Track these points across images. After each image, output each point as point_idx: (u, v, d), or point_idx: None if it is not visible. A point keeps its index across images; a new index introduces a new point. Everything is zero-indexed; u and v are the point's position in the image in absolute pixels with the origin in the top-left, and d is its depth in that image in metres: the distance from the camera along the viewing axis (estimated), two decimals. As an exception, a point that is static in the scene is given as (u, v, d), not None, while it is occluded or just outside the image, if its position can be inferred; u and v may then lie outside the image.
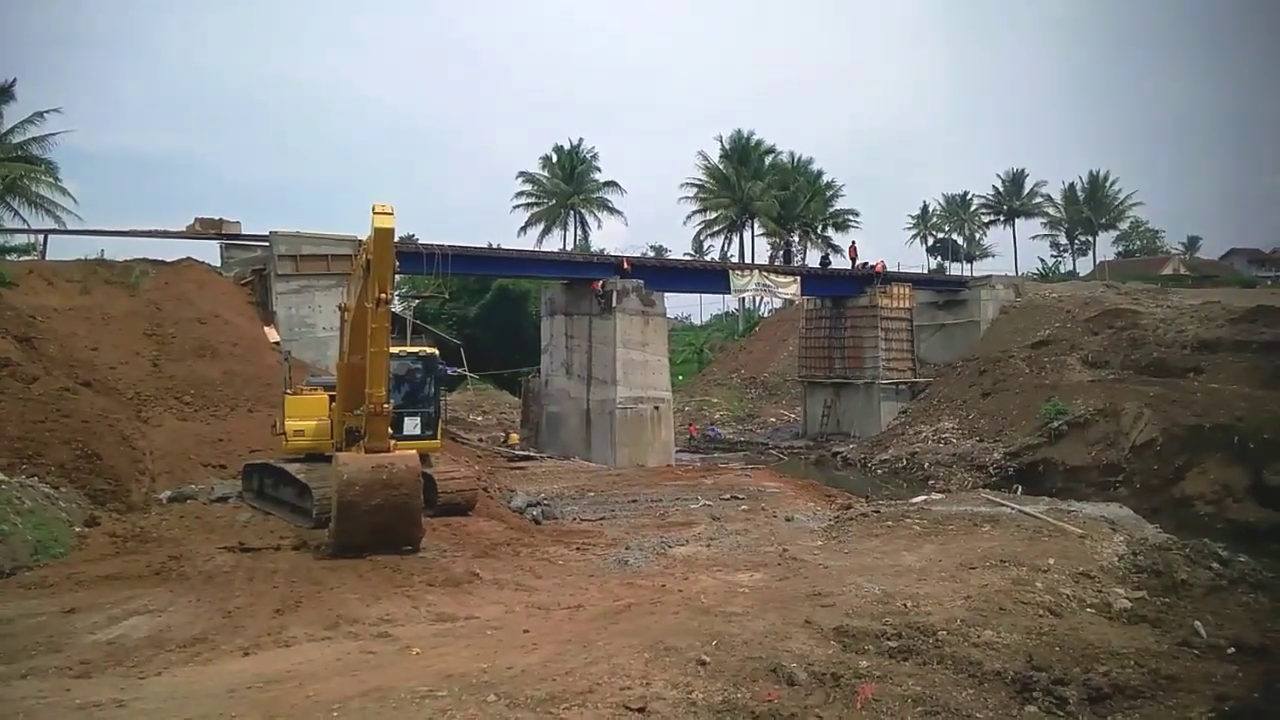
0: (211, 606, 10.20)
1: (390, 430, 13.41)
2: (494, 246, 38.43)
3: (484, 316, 51.96)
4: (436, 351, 17.49)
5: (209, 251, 28.50)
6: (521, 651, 8.20)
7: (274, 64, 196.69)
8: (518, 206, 71.33)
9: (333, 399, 15.22)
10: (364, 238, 13.49)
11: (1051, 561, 12.10)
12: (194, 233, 28.24)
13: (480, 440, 31.97)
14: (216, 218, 28.47)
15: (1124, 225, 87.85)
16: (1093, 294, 43.42)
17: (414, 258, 28.23)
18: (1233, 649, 9.05)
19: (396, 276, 20.18)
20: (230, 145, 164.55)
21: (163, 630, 9.28)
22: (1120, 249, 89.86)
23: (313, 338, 25.91)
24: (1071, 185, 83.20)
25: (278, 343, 24.79)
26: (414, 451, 13.39)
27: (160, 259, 26.90)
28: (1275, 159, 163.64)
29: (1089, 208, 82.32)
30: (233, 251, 28.31)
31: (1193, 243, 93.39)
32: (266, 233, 27.68)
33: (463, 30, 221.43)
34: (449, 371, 23.48)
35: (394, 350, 14.65)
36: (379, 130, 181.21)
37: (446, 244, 29.44)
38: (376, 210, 12.24)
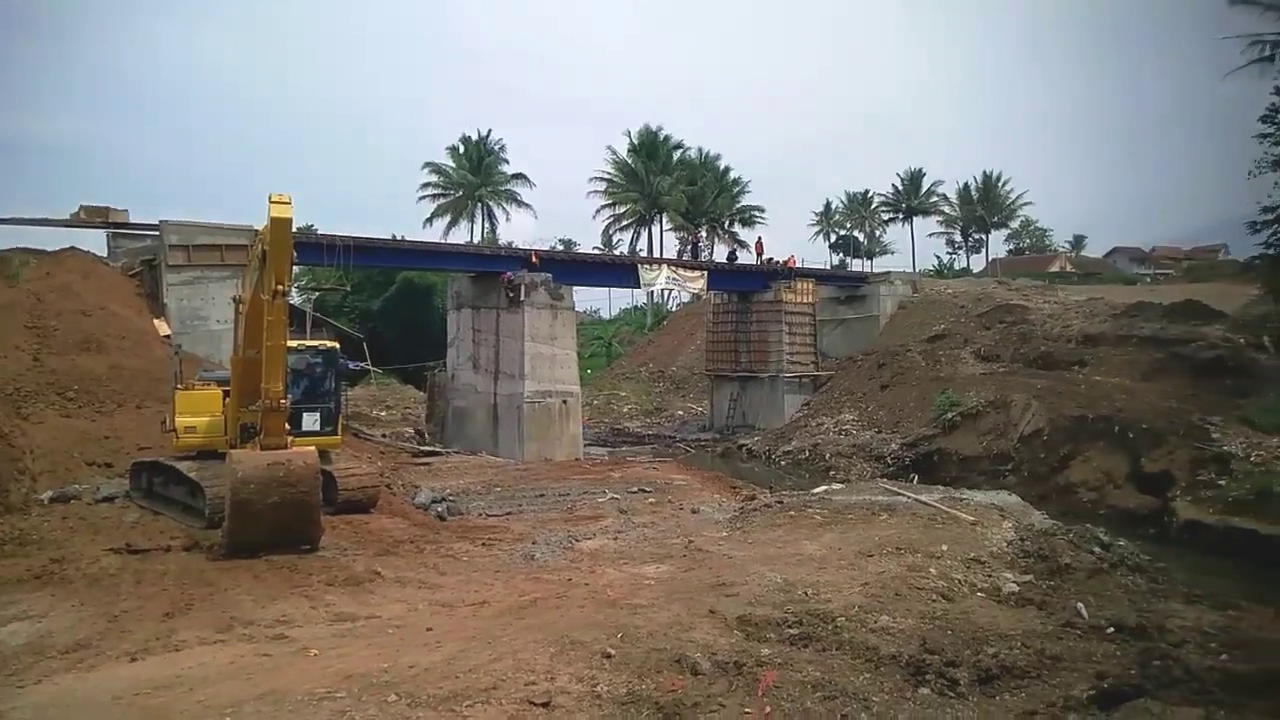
0: (96, 611, 9.75)
1: (288, 426, 13.04)
2: (398, 238, 37.58)
3: (388, 309, 50.88)
4: (337, 345, 17.07)
5: (96, 241, 27.23)
6: (424, 650, 8.11)
7: (175, 48, 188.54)
8: (423, 197, 70.19)
9: (226, 394, 14.73)
10: (260, 228, 13.08)
11: (945, 548, 12.55)
12: (78, 221, 26.82)
13: (384, 436, 31.36)
14: (103, 206, 27.15)
15: (1015, 224, 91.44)
16: (985, 290, 45.12)
17: (314, 249, 27.45)
18: (1112, 629, 9.55)
19: (295, 268, 19.60)
20: (127, 132, 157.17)
21: (43, 636, 8.85)
22: (1011, 247, 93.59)
23: (206, 331, 25.01)
24: (966, 185, 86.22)
25: (168, 336, 23.76)
26: (312, 448, 13.04)
27: (43, 249, 25.55)
28: (1154, 162, 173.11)
29: (982, 207, 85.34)
30: (120, 241, 27.04)
31: (1078, 241, 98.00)
32: (156, 222, 26.55)
33: (369, 17, 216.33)
34: (351, 366, 22.90)
35: (292, 344, 14.26)
36: (282, 119, 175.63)
37: (348, 235, 28.76)
38: (273, 199, 11.90)
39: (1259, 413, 22.91)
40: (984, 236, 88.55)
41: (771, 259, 44.16)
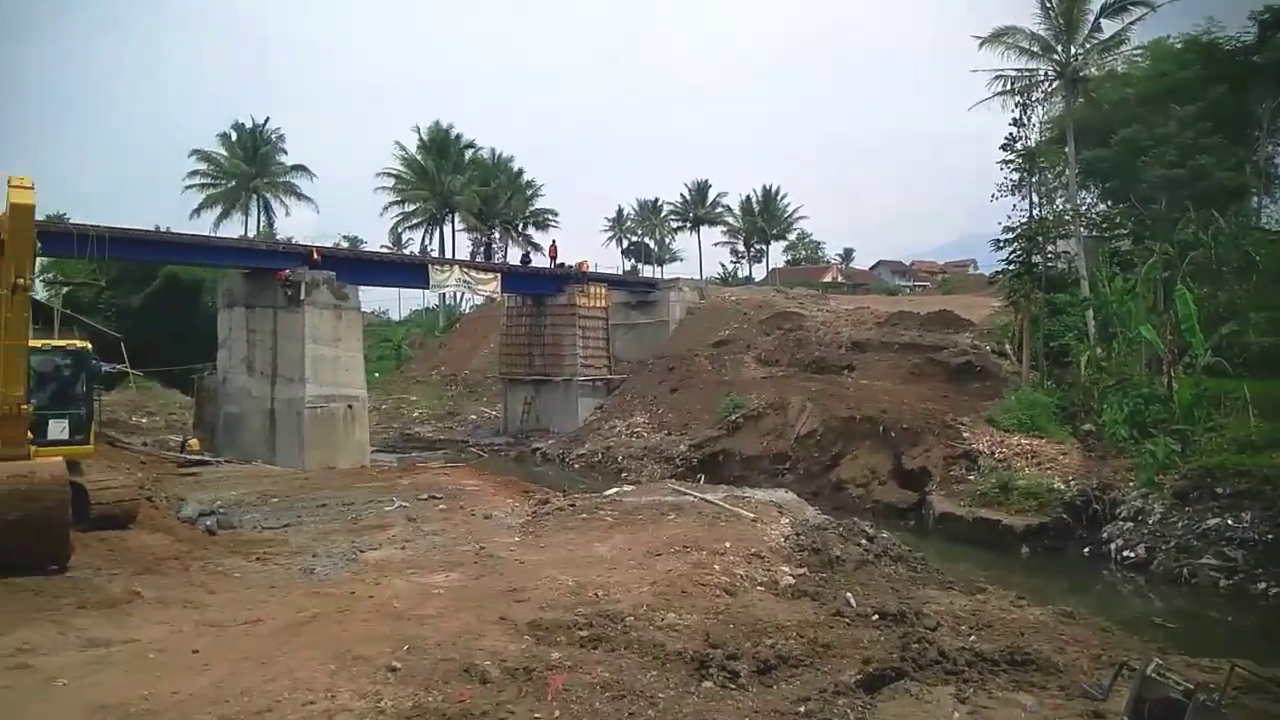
0: None
1: (31, 435, 11.80)
2: (162, 230, 34.81)
3: (150, 307, 46.87)
4: (89, 345, 15.59)
5: None
6: (190, 674, 7.52)
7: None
8: (190, 187, 65.19)
9: (-45, 400, 13.07)
10: (-2, 215, 11.74)
11: (728, 544, 13.09)
12: None
13: (145, 444, 28.91)
14: None
15: (792, 236, 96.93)
16: (766, 298, 47.49)
17: (63, 239, 24.91)
18: (877, 616, 10.31)
19: (40, 259, 17.72)
20: None
21: None
22: (789, 257, 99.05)
23: (-71, 328, 22.05)
24: (748, 198, 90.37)
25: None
26: (60, 458, 11.84)
27: None
28: (915, 184, 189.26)
29: (763, 219, 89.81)
30: None
31: (848, 254, 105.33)
32: None
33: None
34: (105, 368, 20.93)
35: (36, 344, 12.93)
36: (29, 98, 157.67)
37: (103, 224, 26.34)
38: (13, 184, 10.81)
39: (1001, 414, 25.42)
40: (764, 247, 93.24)
41: (563, 263, 44.53)
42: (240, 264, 32.54)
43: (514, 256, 63.75)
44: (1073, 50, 29.82)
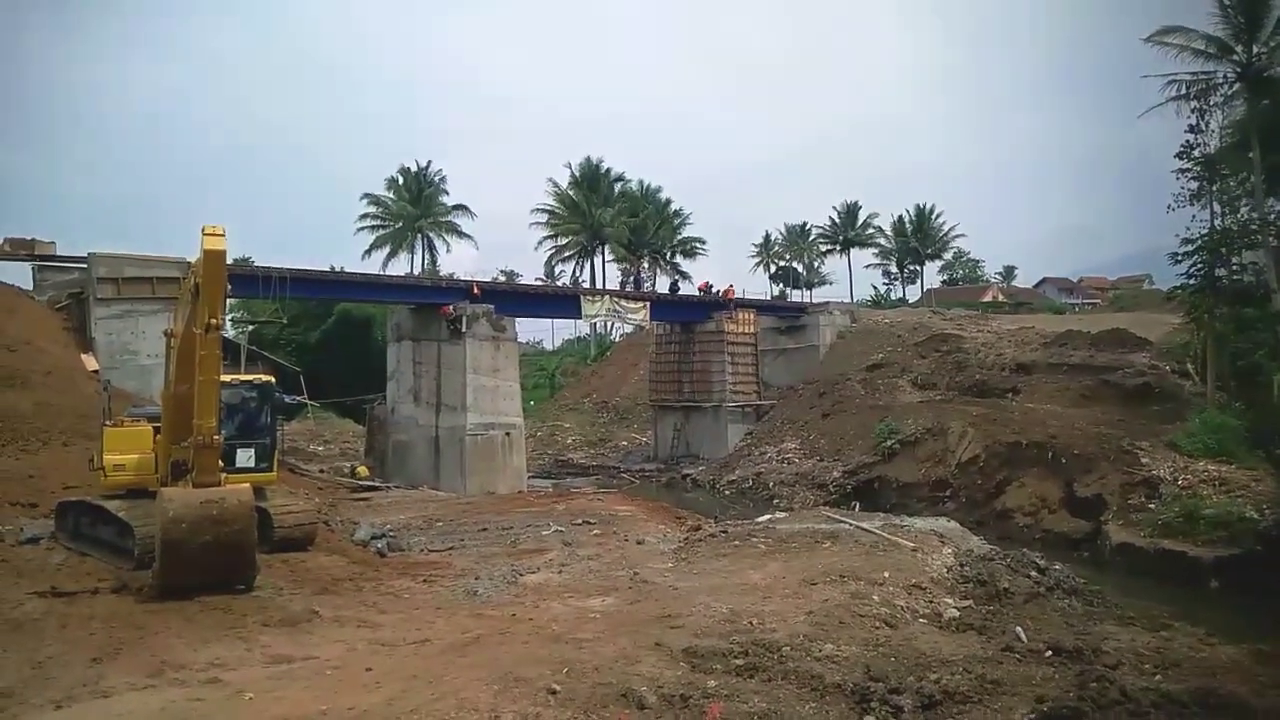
0: (19, 657, 9.30)
1: (221, 463, 12.70)
2: (337, 270, 37.14)
3: (326, 342, 50.10)
4: (273, 379, 16.71)
5: (20, 274, 26.46)
6: (364, 690, 7.90)
7: (101, 73, 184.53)
8: (362, 229, 69.28)
9: (157, 431, 14.29)
10: (193, 260, 12.79)
11: (887, 575, 12.68)
12: (2, 254, 26.06)
13: (321, 471, 30.74)
14: (28, 238, 26.39)
15: (948, 255, 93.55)
16: (921, 320, 46.08)
17: (249, 281, 26.99)
18: (1050, 652, 9.75)
19: (230, 300, 19.21)
20: (52, 160, 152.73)
21: (-40, 687, 8.41)
22: (945, 277, 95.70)
23: (136, 365, 24.35)
24: (900, 218, 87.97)
25: (96, 371, 23.10)
26: (247, 485, 12.71)
27: (-37, 282, 24.76)
28: (1081, 196, 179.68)
29: (916, 239, 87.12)
30: (47, 274, 26.33)
31: (1009, 272, 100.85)
32: (85, 254, 25.89)
33: (306, 46, 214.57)
34: (287, 400, 22.44)
35: (226, 378, 13.93)
36: (214, 148, 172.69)
37: (285, 266, 28.36)
38: (207, 231, 11.63)
39: (1184, 438, 23.66)
40: (919, 268, 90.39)
41: (710, 283, 44.78)
42: (408, 300, 34.31)
43: (662, 286, 64.50)
44: (1255, 49, 27.85)
